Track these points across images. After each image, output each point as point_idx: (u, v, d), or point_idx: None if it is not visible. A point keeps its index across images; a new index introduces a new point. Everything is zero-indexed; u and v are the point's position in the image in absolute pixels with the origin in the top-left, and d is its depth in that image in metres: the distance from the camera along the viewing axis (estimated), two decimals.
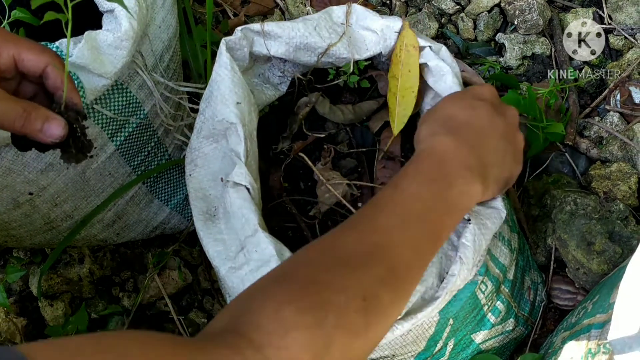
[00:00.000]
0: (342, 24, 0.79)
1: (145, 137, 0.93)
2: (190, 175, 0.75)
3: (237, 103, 0.72)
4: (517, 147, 0.73)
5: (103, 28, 0.78)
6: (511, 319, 0.87)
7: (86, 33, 0.75)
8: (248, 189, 0.68)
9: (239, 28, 0.76)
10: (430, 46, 0.78)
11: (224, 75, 0.73)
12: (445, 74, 0.77)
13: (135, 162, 0.95)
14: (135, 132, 0.91)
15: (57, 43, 0.75)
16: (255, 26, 0.77)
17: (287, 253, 0.66)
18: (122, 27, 0.77)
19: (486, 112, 0.70)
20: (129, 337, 0.46)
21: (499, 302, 0.82)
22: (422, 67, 0.79)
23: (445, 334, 0.77)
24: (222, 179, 0.73)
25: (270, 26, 0.77)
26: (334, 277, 0.55)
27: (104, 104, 0.83)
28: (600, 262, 0.91)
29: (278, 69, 0.83)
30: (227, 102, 0.72)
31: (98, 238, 1.02)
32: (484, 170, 0.67)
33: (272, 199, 0.80)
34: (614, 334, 0.61)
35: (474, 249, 0.67)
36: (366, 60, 0.83)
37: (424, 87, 0.82)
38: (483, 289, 0.78)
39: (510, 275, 0.84)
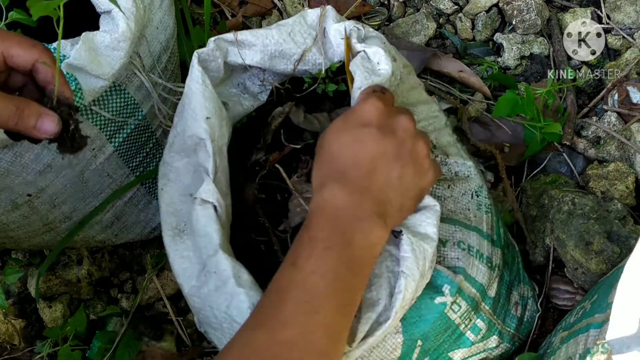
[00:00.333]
0: (316, 27, 0.77)
1: (143, 138, 0.93)
2: (162, 189, 0.74)
3: (207, 118, 0.71)
4: (417, 159, 0.67)
5: (100, 29, 0.78)
6: (494, 336, 0.85)
7: (83, 34, 0.75)
8: (215, 207, 0.68)
9: (212, 39, 0.75)
10: (364, 50, 0.73)
11: (195, 89, 0.72)
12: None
13: (134, 163, 0.95)
14: (133, 133, 0.91)
15: (54, 44, 0.75)
16: (229, 36, 0.75)
17: (244, 275, 0.65)
18: (119, 28, 0.77)
19: (373, 140, 0.65)
20: None
21: (478, 320, 0.81)
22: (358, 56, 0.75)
23: (415, 355, 0.76)
24: (191, 195, 0.72)
25: (243, 35, 0.75)
26: None
27: (101, 106, 0.83)
28: (599, 262, 0.91)
29: (257, 78, 0.82)
30: (197, 117, 0.71)
31: (97, 239, 1.02)
32: (383, 209, 0.64)
33: (247, 211, 0.79)
34: (613, 333, 0.61)
35: (416, 258, 0.66)
36: (339, 62, 0.80)
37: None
38: (456, 310, 0.76)
39: (492, 292, 0.83)
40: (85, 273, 1.08)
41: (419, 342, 0.75)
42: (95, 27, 0.78)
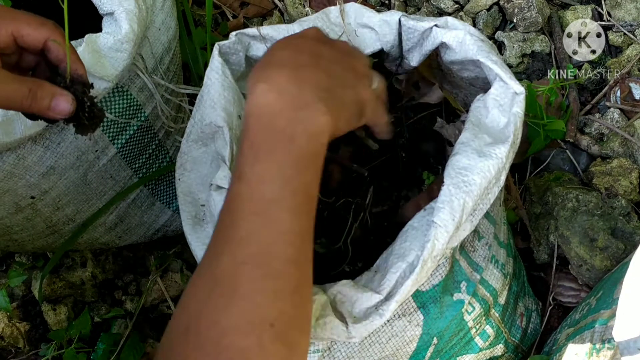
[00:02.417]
0: (340, 23, 0.78)
1: (146, 140, 0.94)
2: (179, 179, 0.74)
3: (225, 107, 0.72)
4: (358, 72, 0.64)
5: (103, 31, 0.78)
6: (500, 345, 0.85)
7: (87, 36, 0.75)
8: None
9: (234, 33, 0.76)
10: (436, 24, 0.74)
11: (214, 79, 0.73)
12: (462, 37, 0.72)
13: (137, 165, 0.95)
14: (136, 135, 0.91)
15: None
16: (251, 30, 0.76)
17: None
18: (122, 29, 0.77)
19: (310, 43, 0.63)
20: None
21: (487, 326, 0.81)
22: (440, 48, 0.76)
23: (428, 354, 0.76)
24: (210, 184, 0.73)
25: (266, 30, 0.76)
26: (234, 317, 0.52)
27: (105, 107, 0.83)
28: (603, 259, 0.91)
29: None
30: (216, 106, 0.72)
31: (100, 241, 1.02)
32: (324, 94, 0.59)
33: None
34: (619, 329, 0.61)
35: (452, 210, 0.63)
36: (374, 57, 0.81)
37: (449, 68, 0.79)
38: (470, 311, 0.76)
39: (502, 300, 0.83)
40: (89, 275, 1.08)
41: (435, 340, 0.74)
42: (98, 29, 0.78)
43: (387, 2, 1.29)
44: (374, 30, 0.78)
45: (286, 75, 0.58)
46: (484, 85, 0.74)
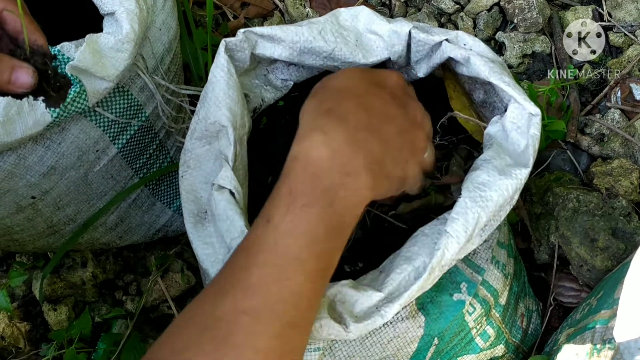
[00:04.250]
0: (348, 27, 0.78)
1: (147, 140, 0.94)
2: (182, 176, 0.74)
3: (230, 106, 0.71)
4: (415, 148, 0.63)
5: (104, 31, 0.78)
6: (501, 345, 0.85)
7: (87, 36, 0.75)
8: (232, 193, 0.68)
9: (241, 30, 0.75)
10: (446, 39, 0.74)
11: (220, 77, 0.73)
12: (471, 57, 0.72)
13: (137, 165, 0.95)
14: (137, 135, 0.91)
15: (58, 47, 0.75)
16: (258, 29, 0.76)
17: None
18: (123, 29, 0.77)
19: (381, 99, 0.61)
20: None
21: (488, 327, 0.81)
22: (450, 62, 0.76)
23: (429, 354, 0.75)
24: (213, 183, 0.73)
25: (274, 30, 0.76)
26: None
27: (105, 107, 0.83)
28: (604, 259, 0.91)
29: (281, 72, 0.83)
30: (220, 105, 0.72)
31: (101, 241, 1.02)
32: (374, 167, 0.57)
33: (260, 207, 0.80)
34: (619, 329, 0.61)
35: (466, 222, 0.63)
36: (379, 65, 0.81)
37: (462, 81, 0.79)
38: (471, 311, 0.76)
39: (503, 300, 0.83)
40: (90, 275, 1.08)
41: (435, 341, 0.74)
42: (99, 29, 0.78)
43: (387, 2, 1.29)
44: (383, 38, 0.77)
45: (345, 135, 0.56)
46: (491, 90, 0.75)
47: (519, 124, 0.70)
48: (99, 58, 0.76)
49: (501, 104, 0.75)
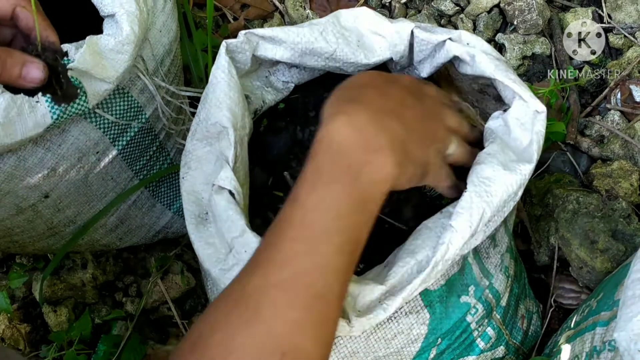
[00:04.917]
0: (350, 28, 0.78)
1: (147, 142, 0.94)
2: (183, 178, 0.74)
3: (231, 107, 0.72)
4: (435, 136, 0.64)
5: (104, 33, 0.78)
6: (501, 346, 0.85)
7: (88, 38, 0.75)
8: (232, 194, 0.68)
9: (243, 32, 0.76)
10: (449, 37, 0.74)
11: (220, 78, 0.73)
12: (476, 54, 0.72)
13: (138, 167, 0.95)
14: (137, 137, 0.91)
15: (65, 46, 0.75)
16: (260, 30, 0.76)
17: None
18: (123, 31, 0.77)
19: (403, 91, 0.63)
20: None
21: (489, 328, 0.81)
22: (454, 61, 0.76)
23: (432, 354, 0.75)
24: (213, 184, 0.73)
25: (275, 31, 0.76)
26: (246, 338, 0.50)
27: (105, 109, 0.83)
28: (604, 260, 0.91)
29: (282, 74, 0.83)
30: (221, 106, 0.72)
31: (101, 243, 1.02)
32: (399, 146, 0.58)
33: (260, 208, 0.80)
34: (619, 331, 0.61)
35: (470, 217, 0.63)
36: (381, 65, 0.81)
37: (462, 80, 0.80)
38: (473, 313, 0.76)
39: (504, 302, 0.83)
40: (90, 277, 1.08)
41: (439, 340, 0.74)
42: (99, 31, 0.78)
43: (387, 4, 1.29)
44: (385, 39, 0.77)
45: (368, 115, 0.58)
46: (496, 94, 0.75)
47: (522, 120, 0.70)
48: (99, 60, 0.76)
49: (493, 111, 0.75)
